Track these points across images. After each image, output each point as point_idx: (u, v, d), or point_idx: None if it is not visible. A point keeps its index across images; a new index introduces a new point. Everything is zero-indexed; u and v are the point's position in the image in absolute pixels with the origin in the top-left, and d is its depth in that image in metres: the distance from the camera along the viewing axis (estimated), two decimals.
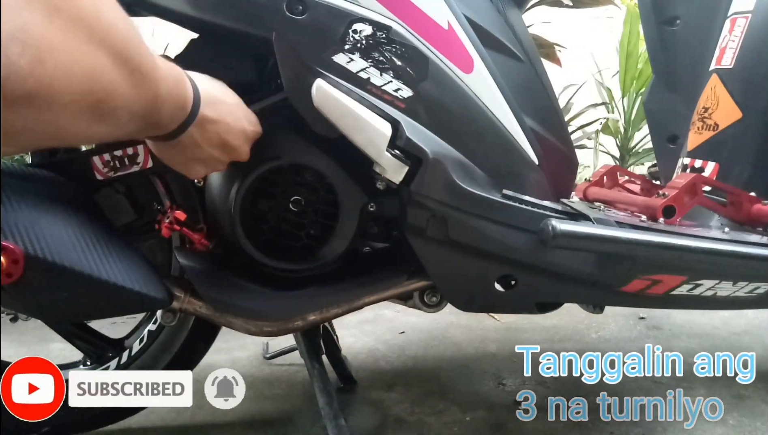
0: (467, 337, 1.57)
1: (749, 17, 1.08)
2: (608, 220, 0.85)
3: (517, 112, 0.86)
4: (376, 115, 0.74)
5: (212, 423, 1.08)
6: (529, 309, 0.92)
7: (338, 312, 0.87)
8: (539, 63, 0.97)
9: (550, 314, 0.96)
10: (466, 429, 1.08)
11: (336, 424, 0.92)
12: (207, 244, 0.84)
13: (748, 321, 1.69)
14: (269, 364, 1.38)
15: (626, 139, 2.99)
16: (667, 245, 0.82)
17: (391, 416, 1.13)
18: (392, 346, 1.50)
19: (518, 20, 0.96)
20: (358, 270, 0.90)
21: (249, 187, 0.80)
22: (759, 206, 0.98)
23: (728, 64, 1.09)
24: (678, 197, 0.93)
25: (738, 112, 1.07)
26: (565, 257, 0.85)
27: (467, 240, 0.81)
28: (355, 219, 0.84)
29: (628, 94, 2.90)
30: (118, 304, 0.79)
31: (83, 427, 0.97)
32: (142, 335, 0.98)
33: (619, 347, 1.52)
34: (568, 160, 0.97)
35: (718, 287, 0.93)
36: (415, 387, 1.26)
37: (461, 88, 0.81)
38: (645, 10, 1.33)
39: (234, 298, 0.83)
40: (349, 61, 0.75)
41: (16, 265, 0.62)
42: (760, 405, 1.19)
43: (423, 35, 0.78)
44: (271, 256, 0.84)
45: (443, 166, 0.77)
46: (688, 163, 1.15)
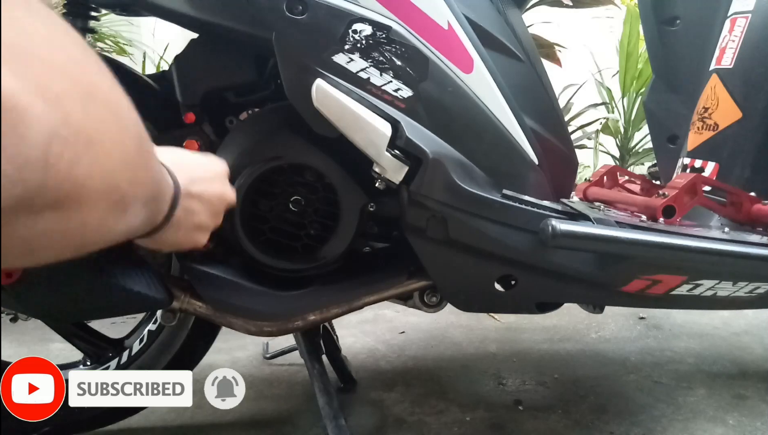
0: (467, 337, 1.57)
1: (749, 17, 1.08)
2: (608, 220, 0.85)
3: (517, 112, 0.86)
4: (376, 115, 0.74)
5: (212, 423, 1.08)
6: (529, 309, 0.92)
7: (338, 312, 0.87)
8: (539, 63, 0.97)
9: (550, 314, 0.96)
10: (466, 429, 1.08)
11: (336, 424, 0.92)
12: (207, 244, 0.84)
13: (748, 321, 1.69)
14: (269, 364, 1.38)
15: (626, 139, 2.99)
16: (667, 245, 0.82)
17: (391, 416, 1.13)
18: (392, 346, 1.50)
19: (518, 20, 0.96)
20: (358, 270, 0.90)
21: (249, 187, 0.80)
22: (759, 206, 0.98)
23: (728, 64, 1.09)
24: (678, 197, 0.93)
25: (738, 112, 1.07)
26: (565, 257, 0.84)
27: (467, 240, 0.81)
28: (355, 219, 0.84)
29: (628, 94, 2.90)
30: (118, 304, 0.79)
31: (83, 427, 0.97)
32: (142, 335, 0.98)
33: (619, 347, 1.52)
34: (568, 160, 0.97)
35: (718, 287, 0.93)
36: (415, 387, 1.26)
37: (461, 88, 0.81)
38: (645, 10, 1.33)
39: (234, 298, 0.83)
40: (349, 61, 0.75)
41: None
42: (760, 405, 1.19)
43: (423, 35, 0.78)
44: (271, 255, 0.84)
45: (443, 166, 0.77)
46: (688, 163, 1.15)
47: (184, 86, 0.82)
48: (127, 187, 0.37)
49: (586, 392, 1.24)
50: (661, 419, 1.12)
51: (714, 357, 1.45)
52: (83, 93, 0.32)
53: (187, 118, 0.83)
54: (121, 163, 0.35)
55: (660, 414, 1.14)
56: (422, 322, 1.65)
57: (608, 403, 1.19)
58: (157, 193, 0.47)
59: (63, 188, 0.29)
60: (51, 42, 0.31)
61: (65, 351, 1.25)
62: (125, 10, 0.87)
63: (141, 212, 0.43)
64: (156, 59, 2.34)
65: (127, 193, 0.37)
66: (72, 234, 0.33)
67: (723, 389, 1.25)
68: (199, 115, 0.83)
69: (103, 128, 0.33)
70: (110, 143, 0.34)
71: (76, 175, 0.30)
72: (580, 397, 1.21)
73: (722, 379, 1.32)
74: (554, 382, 1.30)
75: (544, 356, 1.46)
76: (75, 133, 0.30)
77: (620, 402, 1.20)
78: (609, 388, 1.27)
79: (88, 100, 0.32)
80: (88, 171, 0.31)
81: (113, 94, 0.36)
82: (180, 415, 1.10)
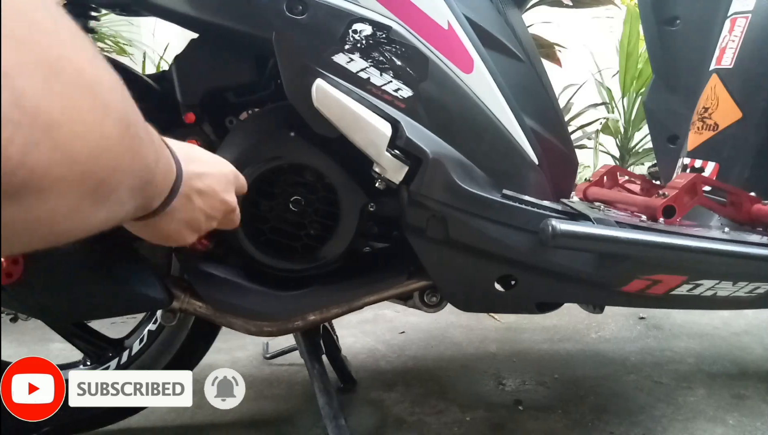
0: (467, 337, 1.57)
1: (749, 17, 1.08)
2: (608, 220, 0.85)
3: (517, 112, 0.86)
4: (376, 115, 0.74)
5: (212, 423, 1.08)
6: (529, 309, 0.92)
7: (338, 312, 0.87)
8: (539, 63, 0.97)
9: (550, 314, 0.96)
10: (466, 429, 1.08)
11: (336, 424, 0.92)
12: (207, 244, 0.84)
13: (748, 321, 1.69)
14: (269, 364, 1.38)
15: (626, 139, 2.99)
16: (667, 245, 0.82)
17: (391, 416, 1.13)
18: (392, 346, 1.50)
19: (518, 20, 0.96)
20: (358, 270, 0.90)
21: (249, 187, 0.80)
22: (759, 206, 0.98)
23: (728, 64, 1.09)
24: (678, 197, 0.93)
25: (738, 112, 1.07)
26: (565, 257, 0.84)
27: (467, 240, 0.81)
28: (355, 219, 0.84)
29: (628, 94, 2.90)
30: (118, 304, 0.79)
31: (83, 427, 0.97)
32: (142, 335, 0.98)
33: (619, 347, 1.52)
34: (568, 160, 0.97)
35: (718, 287, 0.93)
36: (415, 387, 1.26)
37: (461, 88, 0.81)
38: (645, 10, 1.33)
39: (234, 298, 0.83)
40: (349, 61, 0.75)
41: (16, 265, 0.62)
42: (760, 405, 1.19)
43: (423, 35, 0.78)
44: (271, 256, 0.84)
45: (443, 166, 0.77)
46: (688, 163, 1.15)
47: (184, 86, 0.82)
48: (107, 174, 0.34)
49: (586, 392, 1.24)
50: (661, 419, 1.12)
51: (714, 357, 1.45)
52: (46, 68, 0.28)
53: (187, 118, 0.83)
54: (98, 148, 0.32)
55: (660, 414, 1.14)
56: (422, 322, 1.65)
57: (608, 403, 1.19)
58: (151, 179, 0.44)
59: (17, 176, 0.26)
60: (5, 5, 0.26)
61: (65, 351, 1.25)
62: (125, 10, 0.87)
63: (128, 200, 0.40)
64: (156, 59, 2.34)
65: (108, 181, 0.34)
66: (39, 224, 0.30)
67: (723, 389, 1.25)
68: (199, 115, 0.83)
69: (72, 109, 0.29)
70: (82, 126, 0.30)
71: (33, 161, 0.27)
72: (580, 397, 1.21)
73: (722, 379, 1.32)
74: (554, 382, 1.30)
75: (544, 356, 1.46)
76: (30, 115, 0.26)
77: (620, 402, 1.20)
78: (609, 388, 1.27)
79: (53, 77, 0.28)
80: (49, 157, 0.28)
81: (91, 70, 0.32)
82: (180, 415, 1.10)
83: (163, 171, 0.47)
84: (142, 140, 0.39)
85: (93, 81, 0.32)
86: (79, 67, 0.31)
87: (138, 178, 0.40)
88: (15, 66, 0.26)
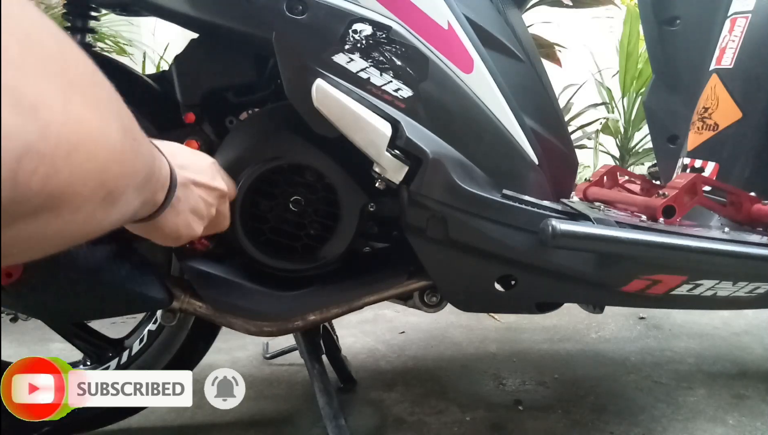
0: (467, 337, 1.57)
1: (749, 17, 1.08)
2: (608, 220, 0.85)
3: (517, 112, 0.86)
4: (376, 115, 0.74)
5: (212, 423, 1.08)
6: (529, 309, 0.92)
7: (338, 312, 0.87)
8: (539, 63, 0.97)
9: (550, 314, 0.96)
10: (466, 429, 1.08)
11: (336, 424, 0.92)
12: (207, 244, 0.84)
13: (748, 321, 1.69)
14: (269, 364, 1.38)
15: (626, 139, 2.99)
16: (667, 245, 0.82)
17: (391, 416, 1.13)
18: (392, 346, 1.50)
19: (518, 20, 0.96)
20: (358, 270, 0.90)
21: (249, 187, 0.80)
22: (759, 206, 0.98)
23: (728, 64, 1.09)
24: (678, 197, 0.93)
25: (738, 112, 1.07)
26: (565, 257, 0.84)
27: (467, 240, 0.81)
28: (355, 219, 0.84)
29: (628, 94, 2.90)
30: (118, 304, 0.79)
31: (83, 427, 0.97)
32: (142, 335, 0.98)
33: (619, 347, 1.52)
34: (568, 160, 0.97)
35: (718, 287, 0.93)
36: (415, 387, 1.26)
37: (461, 88, 0.81)
38: (645, 10, 1.33)
39: (234, 298, 0.83)
40: (349, 61, 0.75)
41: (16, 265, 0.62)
42: (760, 405, 1.19)
43: (423, 35, 0.78)
44: (271, 256, 0.84)
45: (443, 166, 0.77)
46: (688, 163, 1.15)
47: (184, 86, 0.82)
48: (116, 181, 0.35)
49: (586, 392, 1.24)
50: (661, 419, 1.12)
51: (714, 357, 1.45)
52: (64, 93, 0.28)
53: (187, 118, 0.83)
54: (108, 160, 0.33)
55: (660, 414, 1.14)
56: (422, 322, 1.65)
57: (608, 403, 1.19)
58: (151, 174, 0.46)
59: (36, 201, 0.27)
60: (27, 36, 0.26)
61: (65, 351, 1.24)
62: (125, 10, 0.87)
63: (135, 198, 0.42)
64: (156, 59, 2.34)
65: (117, 187, 0.36)
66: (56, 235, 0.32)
67: (723, 389, 1.25)
68: (199, 115, 0.83)
69: (86, 129, 0.30)
70: (93, 145, 0.31)
71: (52, 187, 0.27)
72: (580, 397, 1.21)
73: (722, 379, 1.32)
74: (554, 382, 1.30)
75: (544, 356, 1.46)
76: (54, 146, 0.27)
77: (620, 402, 1.20)
78: (609, 388, 1.27)
79: (69, 100, 0.28)
80: (68, 180, 0.29)
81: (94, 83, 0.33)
82: (180, 415, 1.10)
83: (158, 164, 0.49)
84: (140, 140, 0.41)
85: (98, 94, 0.33)
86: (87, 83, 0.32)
87: (141, 175, 0.42)
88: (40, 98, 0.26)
